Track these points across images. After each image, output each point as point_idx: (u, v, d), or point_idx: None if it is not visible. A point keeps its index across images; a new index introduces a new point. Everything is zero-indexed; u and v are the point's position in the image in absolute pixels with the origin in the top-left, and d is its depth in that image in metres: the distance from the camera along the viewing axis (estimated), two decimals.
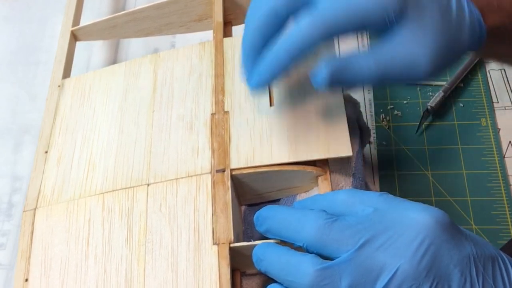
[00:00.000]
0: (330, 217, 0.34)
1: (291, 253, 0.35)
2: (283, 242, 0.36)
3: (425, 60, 0.38)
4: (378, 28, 0.38)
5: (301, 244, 0.35)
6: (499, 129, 0.58)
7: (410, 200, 0.35)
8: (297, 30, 0.36)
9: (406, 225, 0.33)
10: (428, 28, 0.38)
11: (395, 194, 0.36)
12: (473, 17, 0.40)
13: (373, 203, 0.35)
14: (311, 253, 0.34)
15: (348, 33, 0.38)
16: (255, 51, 0.39)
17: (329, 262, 0.33)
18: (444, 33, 0.39)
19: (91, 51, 0.67)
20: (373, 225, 0.33)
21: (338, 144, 0.42)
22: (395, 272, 0.31)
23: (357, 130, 0.47)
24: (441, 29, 0.39)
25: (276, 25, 0.38)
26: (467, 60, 0.62)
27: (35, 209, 0.45)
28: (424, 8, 0.38)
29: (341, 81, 0.38)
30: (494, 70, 0.62)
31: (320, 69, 0.37)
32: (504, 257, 0.34)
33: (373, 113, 0.60)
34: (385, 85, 0.44)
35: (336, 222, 0.34)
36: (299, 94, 0.45)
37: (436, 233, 0.32)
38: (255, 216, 0.39)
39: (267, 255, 0.36)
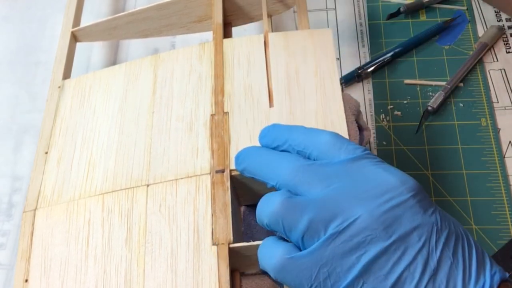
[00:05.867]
0: (307, 161, 0.36)
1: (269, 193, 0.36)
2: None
3: None
4: None
5: (274, 183, 0.36)
6: (499, 129, 0.58)
7: None
8: None
9: (378, 182, 0.33)
10: None
11: None
12: None
13: (354, 153, 0.35)
14: None
15: None
16: None
17: (297, 197, 0.34)
18: None
19: (91, 52, 0.67)
20: (347, 174, 0.34)
21: None
22: (354, 220, 0.32)
23: (357, 130, 0.47)
24: None
25: None
26: (467, 60, 0.62)
27: (35, 209, 0.45)
28: None
29: None
30: (494, 70, 0.62)
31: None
32: (471, 239, 0.34)
33: (373, 113, 0.60)
34: None
35: (312, 165, 0.35)
36: (298, 95, 0.45)
37: (404, 197, 0.33)
38: (235, 155, 0.40)
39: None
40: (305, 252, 0.33)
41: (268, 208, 0.35)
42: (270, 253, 0.35)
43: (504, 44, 0.64)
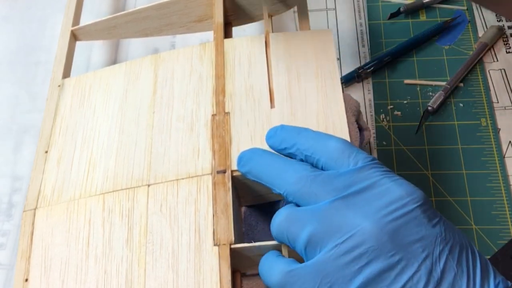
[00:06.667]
0: (314, 171, 0.36)
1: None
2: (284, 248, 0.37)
3: None
4: None
5: (281, 192, 0.36)
6: (499, 129, 0.58)
7: None
8: None
9: (384, 193, 0.33)
10: None
11: None
12: None
13: (363, 162, 0.35)
14: (289, 201, 0.36)
15: None
16: None
17: (301, 209, 0.35)
18: None
19: (91, 51, 0.67)
20: (353, 184, 0.34)
21: None
22: (357, 231, 0.32)
23: (357, 130, 0.47)
24: None
25: None
26: (467, 60, 0.62)
27: (35, 209, 0.45)
28: None
29: None
30: (494, 70, 0.62)
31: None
32: (475, 249, 0.34)
33: (373, 113, 0.60)
34: None
35: (319, 176, 0.35)
36: (299, 96, 0.45)
37: (408, 208, 0.33)
38: (238, 155, 0.40)
39: None
40: (306, 264, 0.33)
41: (275, 220, 0.35)
42: (270, 269, 0.35)
43: (504, 44, 0.64)
